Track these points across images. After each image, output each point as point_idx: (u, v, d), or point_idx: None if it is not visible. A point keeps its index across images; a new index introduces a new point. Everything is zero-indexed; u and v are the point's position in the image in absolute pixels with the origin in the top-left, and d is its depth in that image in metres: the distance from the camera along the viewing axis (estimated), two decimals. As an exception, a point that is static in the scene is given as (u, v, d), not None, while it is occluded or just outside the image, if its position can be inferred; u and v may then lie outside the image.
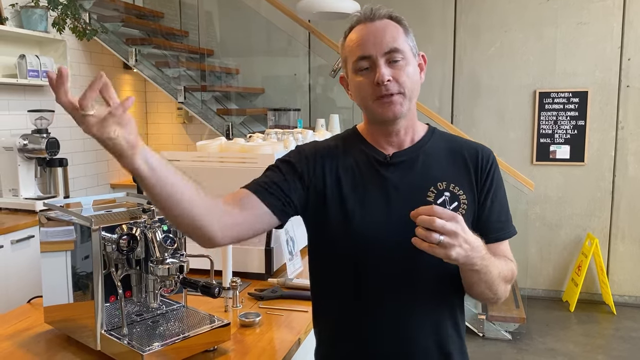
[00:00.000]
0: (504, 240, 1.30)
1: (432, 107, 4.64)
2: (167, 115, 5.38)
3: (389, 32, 1.21)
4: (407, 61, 1.22)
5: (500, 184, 1.30)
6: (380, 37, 1.20)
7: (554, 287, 4.86)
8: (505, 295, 1.25)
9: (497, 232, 1.28)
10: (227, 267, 1.78)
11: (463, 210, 1.23)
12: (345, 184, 1.25)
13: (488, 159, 1.29)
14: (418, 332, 1.24)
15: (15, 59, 3.67)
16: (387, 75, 1.18)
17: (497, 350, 3.82)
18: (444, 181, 1.24)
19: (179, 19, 5.33)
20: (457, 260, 1.06)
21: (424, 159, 1.27)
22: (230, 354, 1.44)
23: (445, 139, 1.33)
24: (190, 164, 2.06)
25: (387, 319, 1.24)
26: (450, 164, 1.28)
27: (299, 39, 5.11)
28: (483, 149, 1.31)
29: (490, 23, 4.77)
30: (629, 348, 3.86)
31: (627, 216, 4.66)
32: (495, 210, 1.27)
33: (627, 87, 4.55)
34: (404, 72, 1.21)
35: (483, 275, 1.15)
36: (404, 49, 1.22)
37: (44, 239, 1.52)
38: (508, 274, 1.24)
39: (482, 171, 1.27)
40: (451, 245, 1.03)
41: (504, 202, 1.30)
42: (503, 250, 1.29)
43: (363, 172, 1.27)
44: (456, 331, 1.29)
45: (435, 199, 1.23)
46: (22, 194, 3.48)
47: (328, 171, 1.27)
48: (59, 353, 1.44)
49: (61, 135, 3.82)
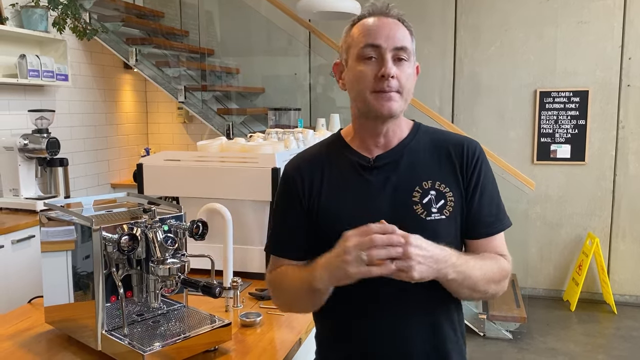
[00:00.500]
0: (496, 235, 1.27)
1: (432, 106, 4.64)
2: (167, 115, 5.38)
3: (401, 31, 1.21)
4: (410, 63, 1.22)
5: (489, 176, 1.28)
6: (394, 32, 1.20)
7: (555, 286, 4.85)
8: (499, 292, 1.24)
9: (488, 226, 1.26)
10: (227, 267, 1.78)
11: (450, 207, 1.22)
12: (330, 194, 1.27)
13: (474, 152, 1.26)
14: (415, 333, 1.24)
15: (15, 58, 3.67)
16: (393, 71, 1.18)
17: (497, 350, 3.81)
18: (429, 180, 1.23)
19: (180, 18, 5.33)
20: (423, 278, 1.07)
21: (409, 158, 1.26)
22: (231, 354, 1.44)
23: (430, 134, 1.31)
24: (191, 163, 2.06)
25: (383, 320, 1.24)
26: (435, 161, 1.26)
27: (300, 39, 5.11)
28: (469, 142, 1.28)
29: (491, 22, 4.77)
30: (630, 347, 3.85)
31: (627, 215, 4.65)
32: (485, 204, 1.25)
33: (627, 87, 4.55)
34: (406, 73, 1.20)
35: (463, 282, 1.15)
36: (410, 49, 1.22)
37: (45, 239, 1.52)
38: (495, 274, 1.21)
39: (467, 166, 1.25)
40: (407, 267, 1.04)
41: (494, 195, 1.28)
42: (495, 245, 1.27)
43: (347, 178, 1.27)
44: (453, 331, 1.28)
45: (421, 198, 1.22)
46: (22, 194, 3.49)
47: (316, 184, 1.28)
48: (60, 353, 1.44)
49: (61, 135, 3.83)
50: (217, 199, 1.89)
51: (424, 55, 4.78)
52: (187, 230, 1.48)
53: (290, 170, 1.33)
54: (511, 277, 1.54)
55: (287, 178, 1.33)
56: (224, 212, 1.78)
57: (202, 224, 1.49)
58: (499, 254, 1.26)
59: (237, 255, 1.92)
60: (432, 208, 1.21)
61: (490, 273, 1.20)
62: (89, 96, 4.59)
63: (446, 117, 4.75)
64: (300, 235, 1.29)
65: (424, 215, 1.21)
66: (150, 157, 2.16)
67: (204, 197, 1.96)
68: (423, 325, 1.24)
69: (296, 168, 1.33)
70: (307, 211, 1.28)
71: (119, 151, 5.00)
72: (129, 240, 1.34)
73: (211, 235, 1.56)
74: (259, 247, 1.99)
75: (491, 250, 1.26)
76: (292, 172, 1.32)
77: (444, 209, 1.22)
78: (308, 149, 1.39)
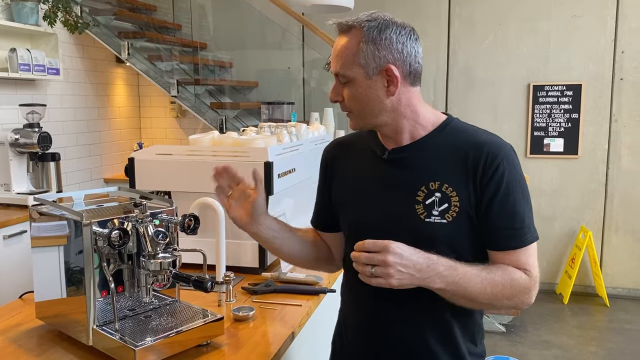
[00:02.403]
0: (517, 250, 1.19)
1: (427, 99, 4.53)
2: (160, 109, 5.35)
3: (342, 54, 1.21)
4: (353, 84, 1.21)
5: (513, 187, 1.18)
6: (335, 54, 1.24)
7: (548, 279, 4.87)
8: (519, 305, 1.20)
9: (507, 240, 1.19)
10: (220, 261, 1.78)
11: (454, 213, 1.18)
12: (345, 177, 1.37)
13: (493, 160, 1.18)
14: (409, 326, 1.25)
15: (6, 52, 3.64)
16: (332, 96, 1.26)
17: (491, 343, 3.83)
18: (437, 181, 1.20)
19: (172, 12, 5.30)
20: (404, 286, 1.10)
21: (422, 156, 1.24)
22: (224, 348, 1.43)
23: (457, 134, 1.26)
24: (183, 158, 2.05)
25: (379, 312, 1.27)
26: (450, 163, 1.21)
27: (293, 32, 5.09)
28: (492, 148, 1.20)
29: (485, 16, 4.76)
30: (622, 340, 3.88)
31: (620, 209, 4.67)
32: (505, 216, 1.18)
33: (620, 80, 4.56)
34: (350, 94, 1.23)
35: (455, 292, 1.14)
36: (349, 74, 1.20)
37: (36, 234, 1.51)
38: (505, 288, 1.15)
39: (484, 174, 1.18)
40: (386, 274, 1.08)
41: (517, 207, 1.18)
42: (516, 259, 1.19)
43: (363, 166, 1.32)
44: (446, 329, 1.25)
45: (425, 199, 1.20)
46: (14, 189, 3.46)
47: (340, 166, 1.39)
48: (51, 349, 1.42)
49: (53, 129, 3.80)
50: (209, 193, 1.88)
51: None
52: (179, 224, 1.47)
53: (326, 149, 1.47)
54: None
55: (323, 156, 1.46)
56: (216, 206, 1.77)
57: (193, 218, 1.48)
58: (521, 268, 1.19)
59: (230, 250, 1.91)
60: (433, 210, 1.19)
61: (497, 287, 1.15)
62: (80, 90, 4.55)
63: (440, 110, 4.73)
64: (325, 210, 1.44)
65: (423, 217, 1.20)
66: (142, 152, 2.14)
67: (196, 191, 1.95)
68: (414, 318, 1.25)
69: (330, 148, 1.46)
70: (328, 188, 1.42)
71: (112, 146, 4.98)
72: (120, 235, 1.33)
73: (203, 230, 1.55)
74: (251, 242, 1.98)
75: (511, 263, 1.19)
76: (326, 150, 1.46)
77: (446, 213, 1.19)
78: (347, 135, 1.50)
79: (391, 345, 1.27)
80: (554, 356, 3.63)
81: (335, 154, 1.43)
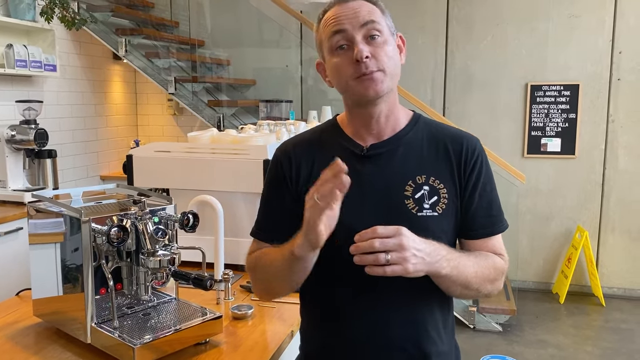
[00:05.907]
0: (493, 236, 1.25)
1: (424, 99, 4.63)
2: (157, 107, 5.34)
3: (364, 8, 1.16)
4: (385, 39, 1.16)
5: (489, 176, 1.24)
6: (356, 11, 1.15)
7: (544, 279, 4.89)
8: (494, 291, 1.22)
9: (486, 227, 1.23)
10: (219, 259, 1.77)
11: (443, 205, 1.19)
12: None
13: (474, 151, 1.22)
14: (394, 328, 1.20)
15: (2, 48, 3.62)
16: (365, 51, 1.12)
17: (487, 342, 3.84)
18: (424, 174, 1.19)
19: (170, 9, 5.28)
20: (418, 271, 1.04)
21: (404, 150, 1.22)
22: (223, 346, 1.43)
23: (430, 127, 1.26)
24: (182, 155, 2.04)
25: (364, 311, 1.21)
26: (432, 155, 1.21)
27: (291, 30, 5.08)
28: (469, 139, 1.24)
29: (483, 15, 4.76)
30: (618, 339, 3.89)
31: (617, 209, 4.69)
32: (484, 204, 1.22)
33: (618, 80, 4.57)
34: (383, 50, 1.15)
35: (457, 278, 1.13)
36: (381, 23, 1.16)
37: (33, 231, 1.50)
38: (490, 272, 1.19)
39: (466, 164, 1.21)
40: (403, 259, 1.01)
41: (493, 195, 1.24)
42: (492, 245, 1.25)
43: None
44: (437, 332, 1.23)
45: (413, 193, 1.18)
46: (10, 186, 3.44)
47: (305, 169, 1.24)
48: (49, 346, 1.42)
49: (50, 126, 3.78)
50: (208, 190, 1.88)
51: (417, 46, 4.77)
52: (178, 222, 1.46)
53: (279, 154, 1.30)
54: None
55: (276, 161, 1.30)
56: (215, 204, 1.77)
57: (192, 215, 1.47)
58: (496, 253, 1.24)
59: (229, 248, 1.90)
60: (424, 204, 1.18)
61: (485, 271, 1.18)
62: (77, 87, 4.53)
63: (437, 110, 4.75)
64: (285, 220, 1.22)
65: (415, 211, 1.18)
66: (140, 149, 2.14)
67: (195, 188, 1.95)
68: (402, 319, 1.21)
69: (285, 152, 1.29)
70: (294, 196, 1.24)
71: (109, 143, 4.96)
72: (119, 232, 1.32)
73: (202, 228, 1.54)
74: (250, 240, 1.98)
75: (488, 250, 1.24)
76: (281, 155, 1.29)
77: (436, 206, 1.18)
78: (302, 133, 1.36)
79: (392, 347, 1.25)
80: (550, 355, 3.64)
81: (298, 154, 1.26)
